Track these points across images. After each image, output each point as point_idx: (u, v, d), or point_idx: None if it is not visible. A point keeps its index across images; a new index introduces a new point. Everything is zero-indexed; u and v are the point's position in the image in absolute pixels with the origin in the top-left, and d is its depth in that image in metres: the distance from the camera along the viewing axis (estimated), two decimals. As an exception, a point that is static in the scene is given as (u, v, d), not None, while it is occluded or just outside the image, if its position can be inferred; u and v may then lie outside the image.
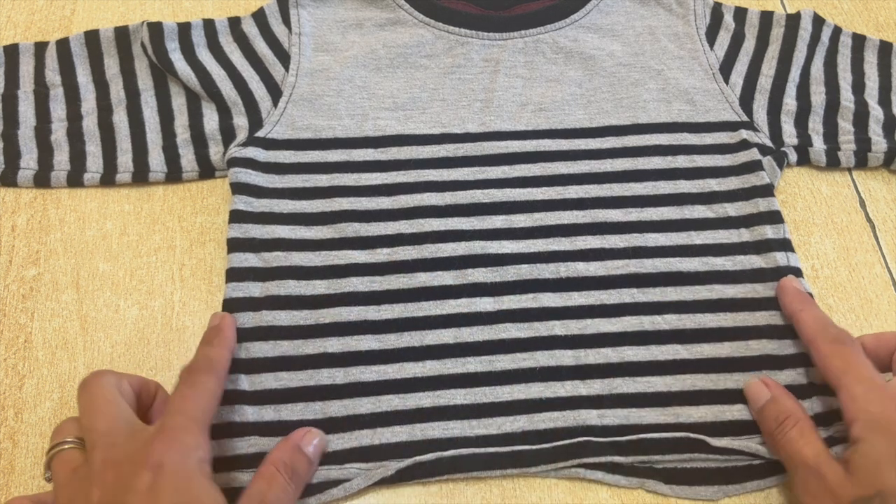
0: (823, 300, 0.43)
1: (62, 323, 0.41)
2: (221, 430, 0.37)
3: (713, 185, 0.44)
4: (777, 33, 0.49)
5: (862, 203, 0.46)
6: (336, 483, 0.36)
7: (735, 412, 0.38)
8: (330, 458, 0.37)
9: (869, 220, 0.46)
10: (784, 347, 0.39)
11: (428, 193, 0.43)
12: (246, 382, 0.38)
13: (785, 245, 0.42)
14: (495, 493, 0.37)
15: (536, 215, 0.43)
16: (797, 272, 0.41)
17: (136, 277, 0.43)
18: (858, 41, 0.50)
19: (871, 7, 0.54)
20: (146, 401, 0.36)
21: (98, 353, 0.40)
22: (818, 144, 0.46)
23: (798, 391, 0.38)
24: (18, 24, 0.51)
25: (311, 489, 0.36)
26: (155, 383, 0.37)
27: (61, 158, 0.45)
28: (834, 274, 0.44)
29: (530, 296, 0.41)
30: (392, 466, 0.36)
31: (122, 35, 0.48)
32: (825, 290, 0.43)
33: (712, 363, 0.39)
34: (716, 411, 0.38)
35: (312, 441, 0.36)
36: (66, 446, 0.32)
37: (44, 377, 0.40)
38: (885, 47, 0.49)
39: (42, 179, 0.45)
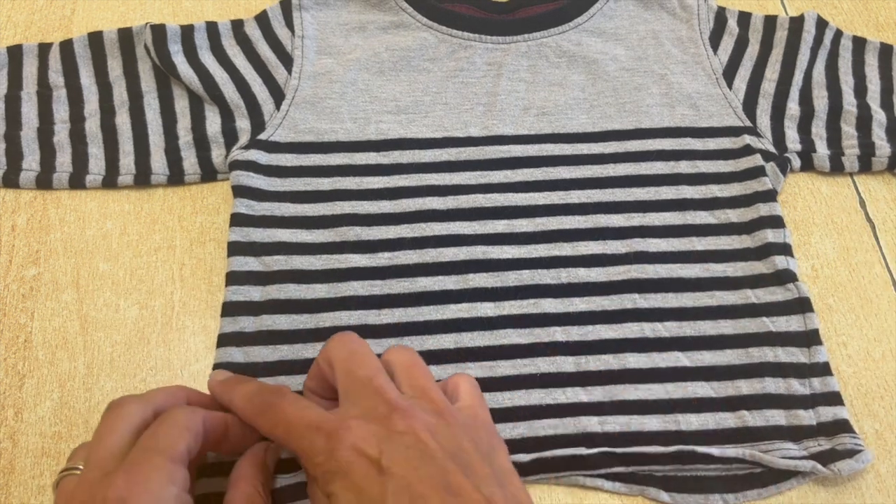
0: (823, 300, 0.43)
1: (62, 323, 0.41)
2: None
3: (716, 190, 0.44)
4: (780, 36, 0.49)
5: (862, 203, 0.46)
6: None
7: (737, 419, 0.38)
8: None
9: (869, 220, 0.46)
10: (786, 355, 0.39)
11: (430, 197, 0.43)
12: (246, 386, 0.38)
13: (785, 249, 0.42)
14: (494, 497, 0.37)
15: (538, 220, 0.43)
16: (794, 277, 0.41)
17: (136, 277, 0.43)
18: (859, 44, 0.50)
19: (871, 7, 0.54)
20: (214, 431, 0.33)
21: (98, 352, 0.40)
22: (822, 150, 0.46)
23: (800, 401, 0.38)
24: (18, 23, 0.51)
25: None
26: (221, 415, 0.33)
27: (63, 160, 0.45)
28: (834, 274, 0.44)
29: (531, 301, 0.41)
30: None
31: (126, 37, 0.48)
32: (825, 290, 0.43)
33: (713, 371, 0.39)
34: (717, 419, 0.38)
35: (275, 457, 0.35)
36: (75, 472, 0.30)
37: (44, 377, 0.40)
38: (885, 50, 0.49)
39: (44, 181, 0.45)
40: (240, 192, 0.43)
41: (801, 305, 0.40)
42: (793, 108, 0.47)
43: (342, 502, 0.27)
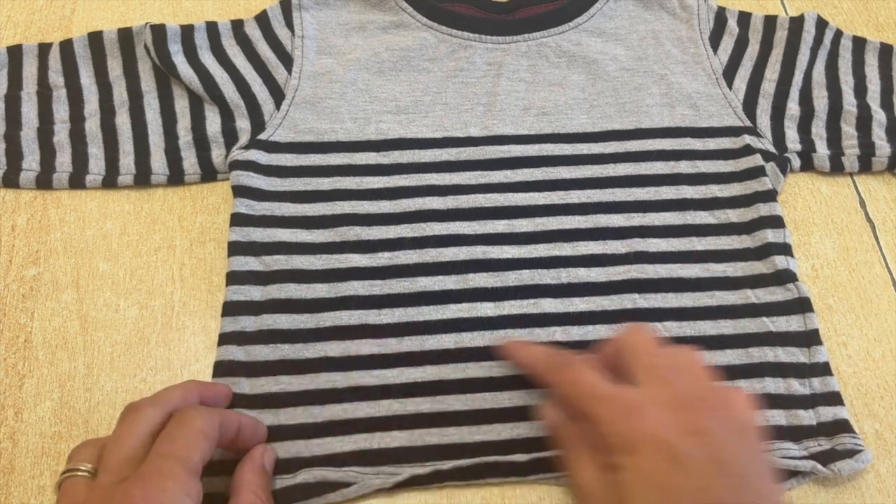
0: (823, 300, 0.43)
1: (62, 323, 0.41)
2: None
3: (716, 190, 0.44)
4: (780, 36, 0.49)
5: (862, 203, 0.46)
6: (333, 486, 0.36)
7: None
8: (329, 460, 0.37)
9: (869, 220, 0.46)
10: (786, 355, 0.39)
11: (430, 197, 0.43)
12: (247, 386, 0.38)
13: (785, 249, 0.42)
14: (495, 493, 0.37)
15: (538, 220, 0.43)
16: (794, 277, 0.41)
17: (136, 277, 0.43)
18: (859, 44, 0.50)
19: (871, 7, 0.54)
20: (227, 433, 0.34)
21: (98, 352, 0.40)
22: (822, 150, 0.46)
23: (800, 401, 0.38)
24: (18, 23, 0.51)
25: (309, 490, 0.36)
26: (236, 416, 0.35)
27: (63, 160, 0.45)
28: (834, 274, 0.44)
29: (531, 301, 0.41)
30: (389, 480, 0.36)
31: (126, 37, 0.48)
32: (825, 290, 0.43)
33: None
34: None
35: (272, 459, 0.35)
36: (78, 473, 0.30)
37: (44, 377, 0.40)
38: (885, 50, 0.49)
39: (44, 181, 0.45)
40: (240, 192, 0.43)
41: (801, 305, 0.40)
42: (793, 108, 0.47)
43: (630, 478, 0.28)
